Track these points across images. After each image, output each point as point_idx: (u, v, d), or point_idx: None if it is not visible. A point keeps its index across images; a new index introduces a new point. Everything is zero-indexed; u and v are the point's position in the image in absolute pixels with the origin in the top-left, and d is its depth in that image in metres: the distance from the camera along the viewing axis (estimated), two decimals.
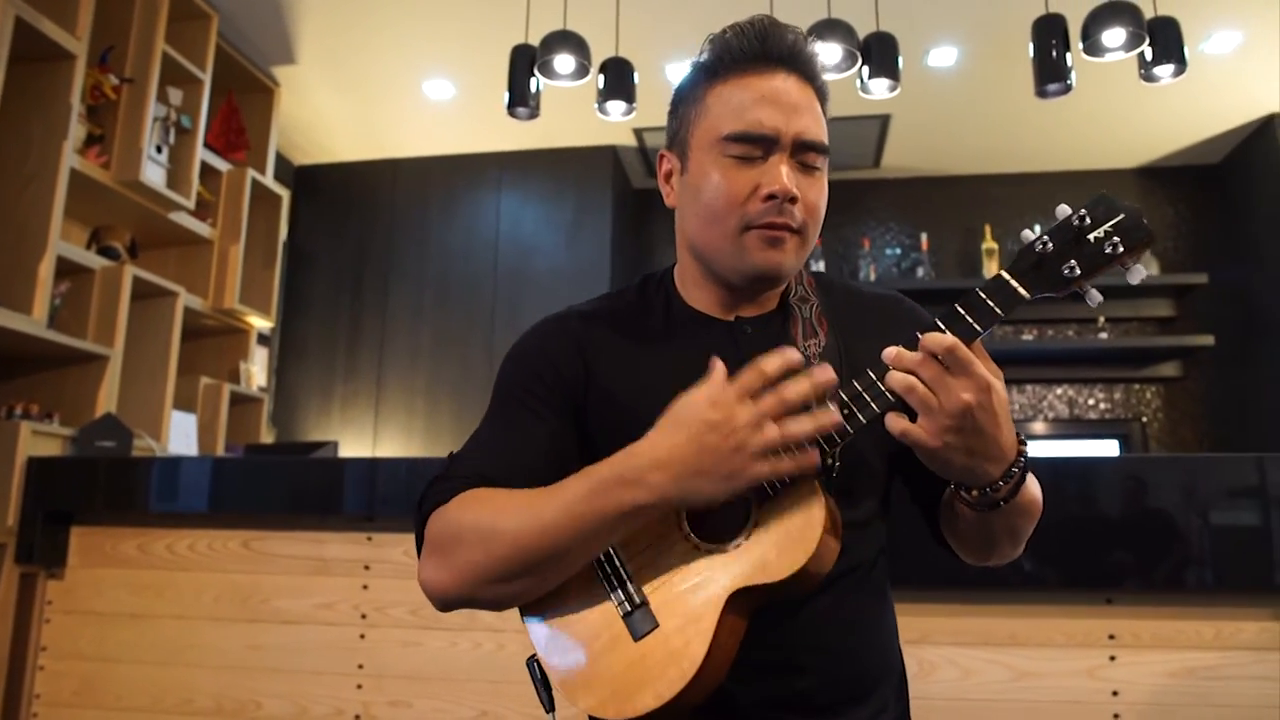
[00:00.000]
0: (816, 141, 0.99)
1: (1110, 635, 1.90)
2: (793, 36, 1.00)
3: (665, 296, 1.10)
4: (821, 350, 1.02)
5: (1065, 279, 0.85)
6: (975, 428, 0.82)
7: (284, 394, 4.80)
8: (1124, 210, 0.85)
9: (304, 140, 4.71)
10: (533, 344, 1.09)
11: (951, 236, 4.88)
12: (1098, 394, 4.67)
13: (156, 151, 3.26)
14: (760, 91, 0.98)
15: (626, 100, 2.82)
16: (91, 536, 2.51)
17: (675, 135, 1.06)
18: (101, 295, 3.05)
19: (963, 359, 0.82)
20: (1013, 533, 0.97)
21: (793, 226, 0.98)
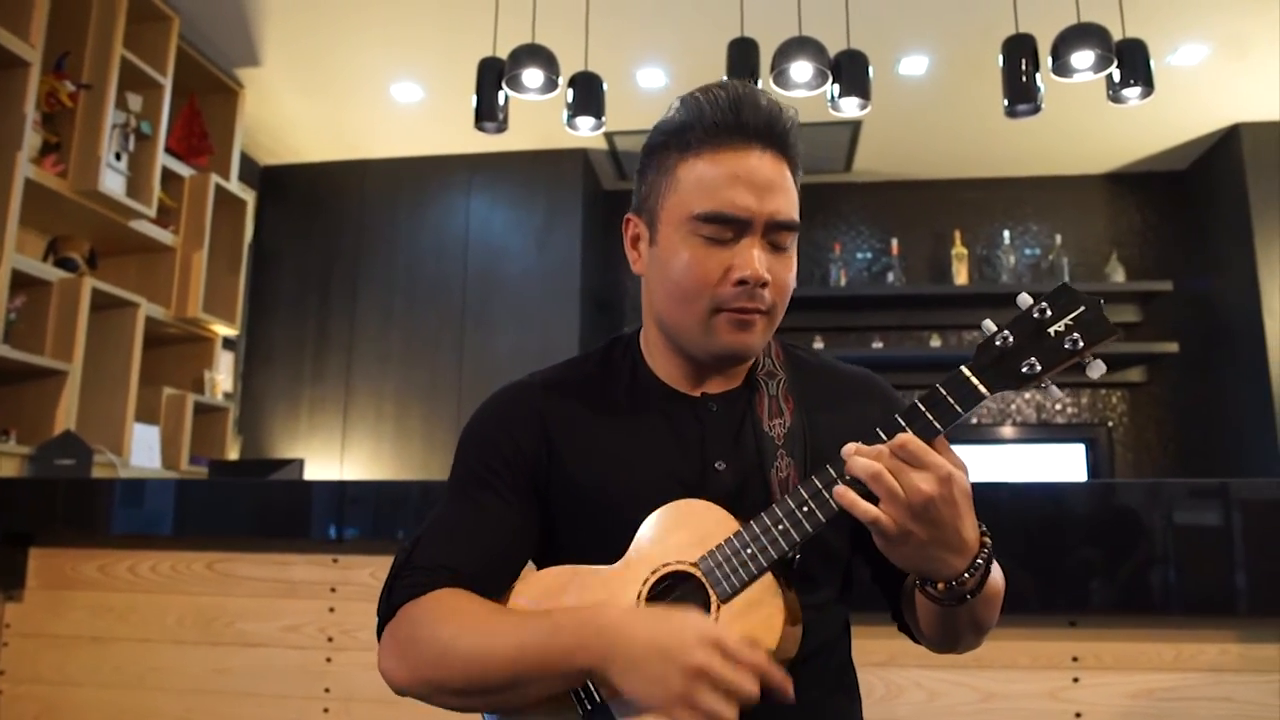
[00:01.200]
0: (789, 221, 0.98)
1: (1074, 657, 1.91)
2: (768, 107, 0.97)
3: (631, 364, 1.08)
4: (787, 430, 1.01)
5: (1025, 376, 0.85)
6: (936, 519, 0.82)
7: (251, 400, 4.73)
8: (1084, 302, 0.85)
9: (270, 141, 4.63)
10: (493, 419, 1.06)
11: (922, 241, 4.90)
12: (1065, 399, 4.72)
13: (116, 159, 3.19)
14: (734, 170, 0.95)
15: (595, 115, 2.80)
16: (51, 558, 2.46)
17: (644, 203, 1.03)
18: (59, 308, 2.98)
19: (916, 453, 0.82)
20: (977, 625, 0.96)
21: (762, 309, 0.97)
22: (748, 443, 1.01)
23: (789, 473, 0.97)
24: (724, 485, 0.98)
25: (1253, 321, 4.17)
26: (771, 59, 2.49)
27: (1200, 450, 4.57)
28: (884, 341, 4.72)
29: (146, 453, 3.35)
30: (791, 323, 4.81)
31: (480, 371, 4.55)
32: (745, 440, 1.01)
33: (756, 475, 0.99)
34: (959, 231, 4.75)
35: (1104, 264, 4.66)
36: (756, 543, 0.90)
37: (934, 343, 4.66)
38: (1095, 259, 4.74)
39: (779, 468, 0.98)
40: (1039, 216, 4.85)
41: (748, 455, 1.00)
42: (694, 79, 3.61)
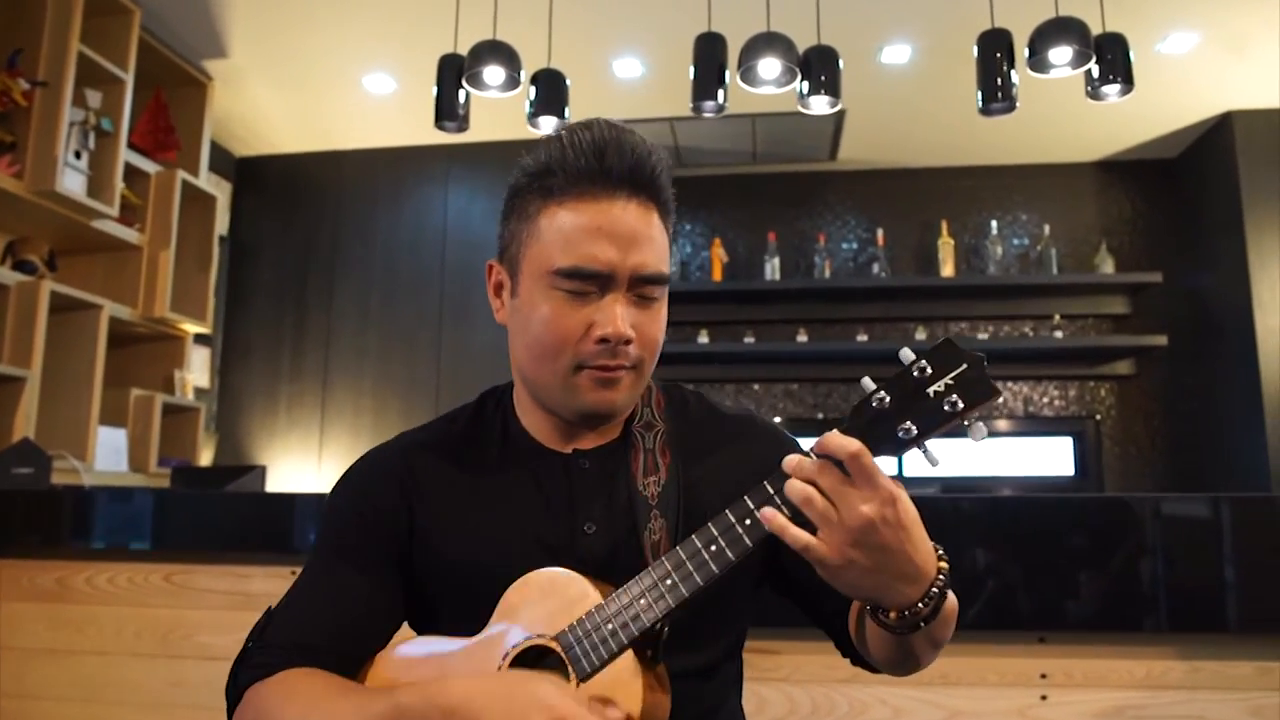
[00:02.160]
0: (654, 275, 0.93)
1: (1042, 674, 1.88)
2: (634, 153, 0.92)
3: (503, 420, 1.04)
4: (661, 488, 0.96)
5: (901, 441, 0.80)
6: (880, 544, 0.77)
7: (228, 396, 4.68)
8: (967, 360, 0.80)
9: (244, 132, 4.55)
10: (354, 487, 1.02)
11: (908, 231, 4.82)
12: (1053, 391, 4.66)
13: (75, 157, 3.12)
14: (596, 221, 0.91)
15: (558, 114, 2.72)
16: (8, 569, 2.42)
17: (505, 250, 0.99)
18: (16, 313, 2.92)
19: (867, 467, 0.76)
20: (934, 643, 0.90)
21: (627, 365, 0.93)
22: (620, 502, 0.96)
23: (661, 535, 0.92)
24: (594, 549, 0.94)
25: (1243, 314, 4.09)
26: (738, 56, 2.41)
27: (1189, 444, 4.51)
28: (869, 334, 4.66)
29: (113, 456, 3.31)
30: (775, 315, 4.77)
31: (458, 365, 4.49)
32: (618, 500, 0.96)
33: (630, 538, 0.94)
34: (946, 221, 4.66)
35: (1093, 254, 4.58)
36: (617, 618, 0.85)
37: (919, 335, 4.59)
38: (1084, 249, 4.66)
39: (652, 529, 0.93)
40: (1028, 205, 4.76)
41: (620, 516, 0.95)
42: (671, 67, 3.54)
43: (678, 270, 4.86)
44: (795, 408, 4.82)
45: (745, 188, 4.97)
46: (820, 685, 1.93)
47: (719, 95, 2.47)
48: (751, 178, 4.97)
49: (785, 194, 4.91)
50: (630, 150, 0.92)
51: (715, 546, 0.83)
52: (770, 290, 4.68)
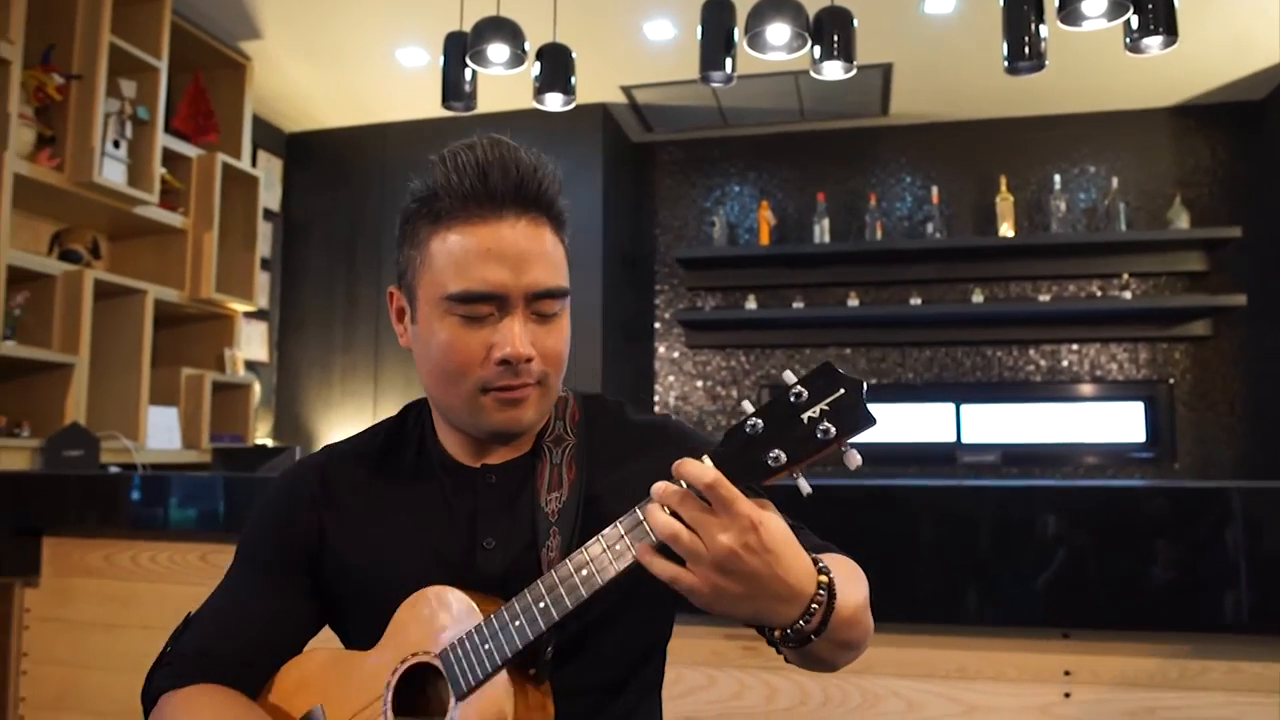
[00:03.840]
0: (550, 289, 0.93)
1: (1066, 671, 1.80)
2: (518, 170, 0.92)
3: (420, 435, 1.05)
4: (561, 506, 0.96)
5: (769, 468, 0.77)
6: (747, 571, 0.76)
7: (286, 370, 4.81)
8: (845, 385, 0.77)
9: (290, 109, 4.61)
10: (270, 502, 1.06)
11: (966, 189, 4.59)
12: (1121, 355, 4.41)
13: (114, 147, 3.20)
14: (485, 243, 0.91)
15: (564, 91, 2.64)
16: (62, 547, 2.56)
17: (403, 275, 0.99)
18: (64, 301, 3.04)
19: (724, 497, 0.75)
20: (844, 646, 0.87)
21: (531, 383, 0.94)
22: (522, 518, 0.97)
23: (556, 552, 0.92)
24: (491, 566, 0.95)
25: None
26: (745, 21, 2.29)
27: (1269, 410, 4.22)
28: (923, 297, 4.48)
29: (165, 435, 3.44)
30: (825, 278, 4.63)
31: None
32: (520, 516, 0.97)
33: (529, 554, 0.94)
34: (1005, 177, 4.42)
35: (1166, 208, 4.28)
36: (494, 638, 0.86)
37: (977, 298, 4.39)
38: (1157, 203, 4.36)
39: (549, 546, 0.93)
40: (1095, 157, 4.47)
41: (520, 532, 0.96)
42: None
43: (725, 233, 4.76)
44: None
45: (793, 147, 4.81)
46: (833, 676, 1.89)
47: (726, 65, 2.36)
48: (799, 136, 4.80)
49: (835, 152, 4.73)
50: (514, 167, 0.91)
51: (586, 570, 0.83)
52: (820, 253, 4.54)
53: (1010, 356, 4.54)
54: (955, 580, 1.82)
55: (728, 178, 4.93)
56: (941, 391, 4.58)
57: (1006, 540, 1.80)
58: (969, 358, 4.59)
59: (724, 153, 4.92)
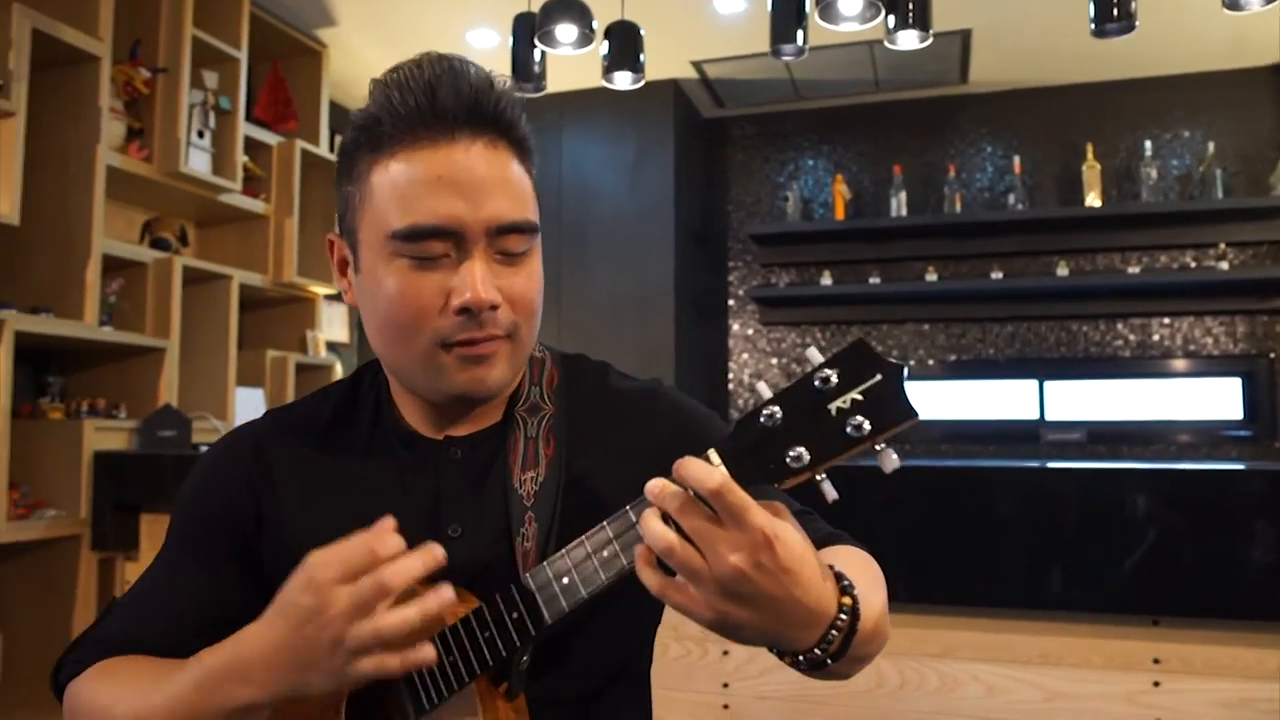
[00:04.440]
0: (516, 222, 0.80)
1: (1155, 659, 1.76)
2: (472, 85, 0.78)
3: (375, 402, 0.92)
4: (539, 486, 0.83)
5: (789, 469, 0.65)
6: (758, 594, 0.63)
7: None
8: (881, 369, 0.64)
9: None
10: (201, 478, 0.93)
11: (1049, 158, 4.42)
12: (1217, 328, 4.21)
13: (199, 137, 3.30)
14: (434, 170, 0.77)
15: (633, 70, 2.63)
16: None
17: (342, 218, 0.85)
18: (155, 288, 3.16)
19: (733, 505, 0.62)
20: (861, 660, 0.75)
21: (499, 335, 0.80)
22: (493, 501, 0.84)
23: (532, 543, 0.81)
24: (459, 557, 0.78)
25: None
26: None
27: None
28: (1004, 271, 4.34)
29: (252, 415, 3.55)
30: (902, 253, 4.52)
31: (578, 316, 4.53)
32: (491, 498, 0.85)
33: (502, 543, 0.82)
34: (1092, 144, 4.24)
35: (1268, 173, 4.05)
36: (461, 648, 0.75)
37: (1061, 271, 4.24)
38: (1258, 168, 4.13)
39: (525, 535, 0.81)
40: (1189, 121, 4.26)
41: (491, 518, 0.84)
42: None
43: (799, 208, 4.68)
44: (926, 350, 4.60)
45: (868, 118, 4.70)
46: (910, 659, 1.87)
47: (798, 37, 2.31)
48: (874, 107, 4.69)
49: (912, 123, 4.61)
50: (467, 83, 0.78)
51: (568, 579, 0.71)
52: (897, 227, 4.44)
53: (1097, 331, 4.38)
54: (1039, 564, 1.78)
55: (801, 151, 4.84)
56: (1024, 368, 4.45)
57: (1094, 524, 1.75)
58: (1053, 333, 4.44)
59: (797, 126, 4.83)
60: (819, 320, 4.72)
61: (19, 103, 2.59)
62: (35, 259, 2.90)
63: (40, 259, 2.90)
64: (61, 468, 2.74)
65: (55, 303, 2.82)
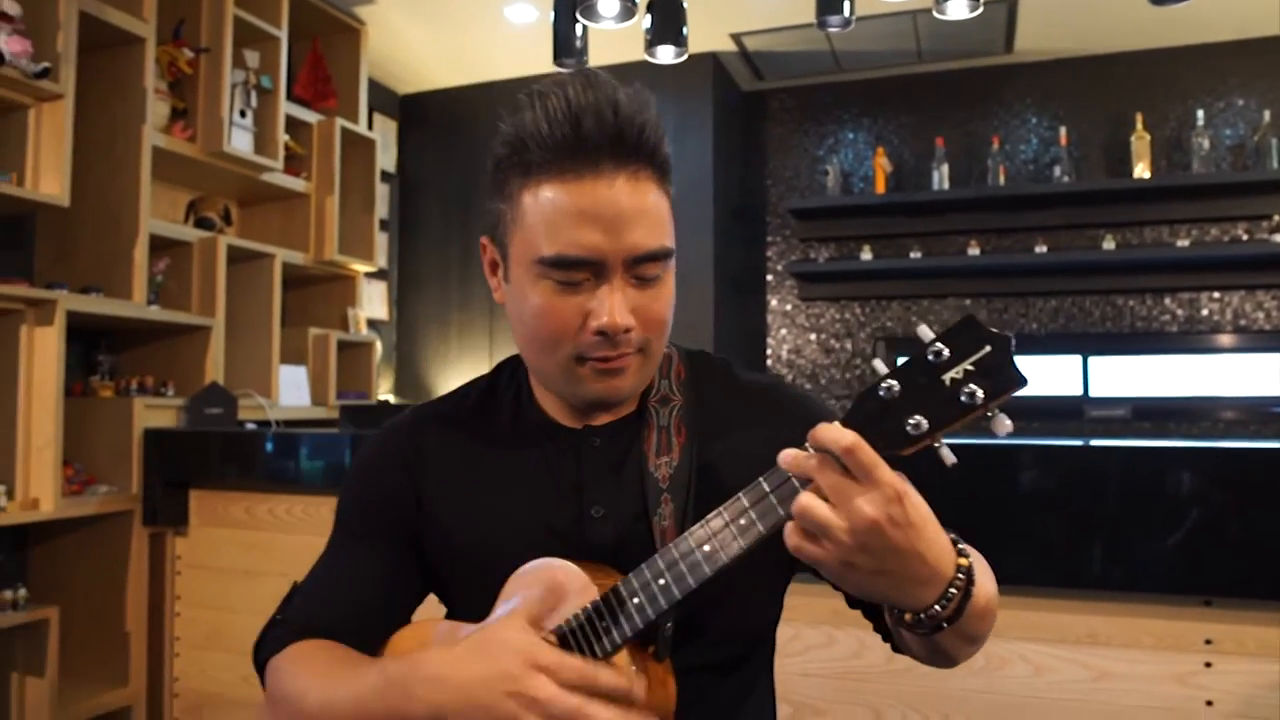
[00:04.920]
0: (652, 252, 0.86)
1: (1207, 640, 1.74)
2: (616, 115, 0.82)
3: (516, 394, 1.00)
4: (673, 470, 0.91)
5: (909, 436, 0.72)
6: (888, 547, 0.70)
7: (404, 327, 4.97)
8: (990, 341, 0.71)
9: (403, 71, 4.69)
10: (365, 467, 1.03)
11: (1097, 128, 4.32)
12: (1269, 303, 4.11)
13: (241, 116, 3.33)
14: (579, 203, 0.83)
15: (675, 43, 2.60)
16: (207, 499, 2.74)
17: (494, 228, 0.92)
18: (200, 267, 3.21)
19: (866, 463, 0.69)
20: (969, 639, 0.84)
21: (630, 353, 0.88)
22: (631, 484, 0.91)
23: (670, 521, 0.88)
24: (603, 535, 0.90)
25: None
26: None
27: None
28: (1048, 245, 4.26)
29: (296, 392, 3.60)
30: (944, 227, 4.46)
31: None
32: (628, 481, 0.92)
33: (640, 523, 0.89)
34: (1141, 114, 4.14)
35: None
36: (613, 614, 0.81)
37: (1108, 244, 4.15)
38: None
39: (662, 514, 0.88)
40: (1244, 89, 4.13)
41: (629, 499, 0.91)
42: None
43: (839, 181, 4.63)
44: None
45: (910, 90, 4.61)
46: None
47: (844, 8, 2.27)
48: (917, 78, 4.60)
49: (955, 94, 4.52)
50: (612, 114, 0.82)
51: (709, 546, 0.78)
52: (939, 200, 4.37)
53: (1143, 306, 4.29)
54: (1088, 543, 1.76)
55: (841, 124, 4.77)
56: (1068, 343, 4.37)
57: (1143, 502, 1.72)
58: (1098, 307, 4.36)
59: (837, 98, 4.76)
60: (859, 295, 4.67)
61: (67, 85, 2.63)
62: (83, 239, 2.95)
63: (88, 239, 2.95)
64: (113, 445, 2.80)
65: (104, 282, 2.87)
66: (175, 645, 2.75)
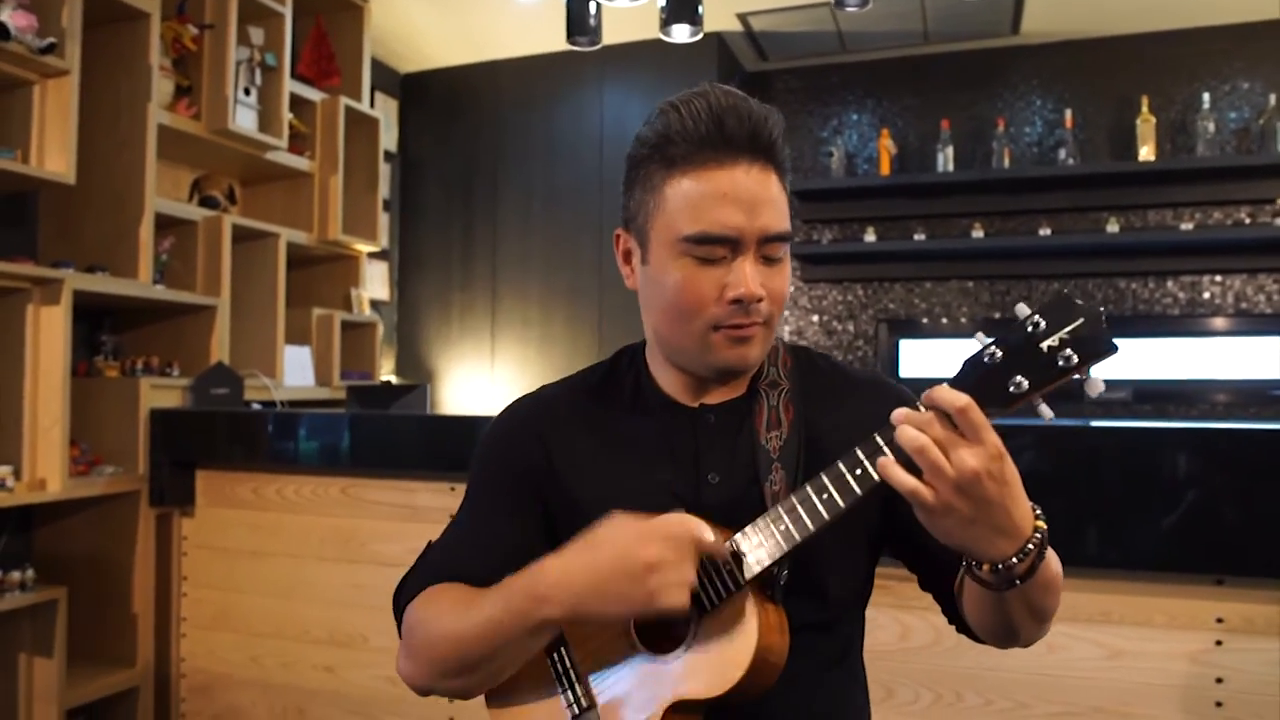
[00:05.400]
0: (779, 233, 0.98)
1: (1218, 618, 1.76)
2: (751, 118, 0.96)
3: (635, 376, 1.11)
4: (782, 444, 1.02)
5: (1011, 395, 0.82)
6: (983, 496, 0.80)
7: (406, 307, 4.95)
8: (1083, 315, 0.80)
9: (405, 49, 4.65)
10: (498, 436, 1.13)
11: (1102, 111, 4.31)
12: (1270, 285, 4.12)
13: (245, 94, 3.30)
14: (720, 188, 0.95)
15: (691, 22, 2.58)
16: (214, 480, 2.73)
17: (633, 219, 1.04)
18: (205, 246, 3.18)
19: (975, 422, 0.79)
20: (1036, 612, 0.92)
21: (759, 322, 0.98)
22: (743, 455, 1.02)
23: (781, 486, 0.99)
24: (718, 498, 1.01)
25: None
26: None
27: None
28: (1053, 227, 4.27)
29: (300, 372, 3.59)
30: (948, 209, 4.46)
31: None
32: (741, 452, 1.03)
33: (751, 488, 1.00)
34: (1147, 97, 4.13)
35: None
36: (735, 559, 0.92)
37: (1111, 227, 4.15)
38: None
39: (773, 480, 0.99)
40: (1250, 72, 4.13)
41: (742, 468, 1.02)
42: None
43: (844, 163, 4.62)
44: (971, 306, 4.54)
45: (915, 71, 4.60)
46: None
47: None
48: (922, 60, 4.59)
49: (960, 76, 4.51)
50: (748, 116, 0.95)
51: (826, 494, 0.87)
52: (943, 182, 4.36)
53: (1145, 289, 4.30)
54: (1100, 523, 1.77)
55: (846, 105, 4.76)
56: None
57: (1157, 483, 1.73)
58: (1100, 290, 4.37)
59: (842, 79, 4.74)
60: (861, 277, 4.67)
61: (73, 61, 2.60)
62: (89, 217, 2.92)
63: (94, 217, 2.92)
64: (119, 425, 2.78)
65: (108, 261, 2.84)
66: (182, 626, 2.75)
